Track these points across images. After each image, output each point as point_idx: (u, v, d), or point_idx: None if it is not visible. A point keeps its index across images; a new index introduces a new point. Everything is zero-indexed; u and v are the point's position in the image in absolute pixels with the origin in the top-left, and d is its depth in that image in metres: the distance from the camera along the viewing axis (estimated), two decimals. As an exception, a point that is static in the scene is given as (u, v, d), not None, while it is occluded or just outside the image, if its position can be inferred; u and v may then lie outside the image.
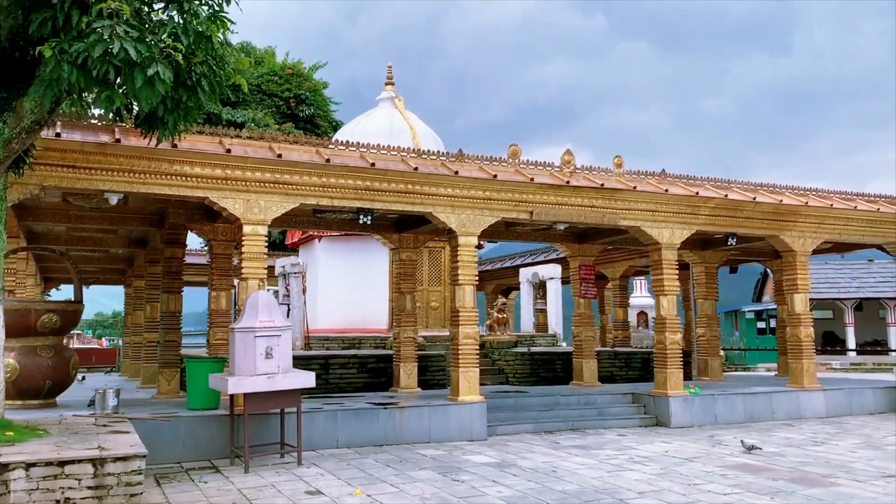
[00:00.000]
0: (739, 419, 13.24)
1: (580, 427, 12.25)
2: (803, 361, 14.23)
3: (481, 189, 11.55)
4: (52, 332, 10.49)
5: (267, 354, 8.99)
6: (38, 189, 9.22)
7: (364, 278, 17.84)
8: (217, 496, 7.53)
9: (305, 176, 10.40)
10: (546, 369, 15.70)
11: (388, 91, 20.78)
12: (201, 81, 7.62)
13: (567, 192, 12.13)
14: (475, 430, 11.17)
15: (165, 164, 9.60)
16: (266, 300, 9.28)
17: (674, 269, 13.20)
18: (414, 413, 10.90)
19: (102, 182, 9.45)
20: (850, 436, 11.70)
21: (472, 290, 11.68)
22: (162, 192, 9.83)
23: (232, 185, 10.06)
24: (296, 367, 12.82)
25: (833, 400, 14.27)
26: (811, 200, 14.38)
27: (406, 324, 13.57)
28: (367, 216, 11.32)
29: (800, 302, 14.32)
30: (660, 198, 12.83)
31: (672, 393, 12.76)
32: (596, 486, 7.91)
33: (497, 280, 26.36)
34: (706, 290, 16.61)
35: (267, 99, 29.76)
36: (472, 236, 11.62)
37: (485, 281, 27.49)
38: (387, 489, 7.74)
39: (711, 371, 16.36)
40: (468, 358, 11.48)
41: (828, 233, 14.63)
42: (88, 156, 9.22)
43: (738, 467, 8.99)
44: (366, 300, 17.63)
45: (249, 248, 10.19)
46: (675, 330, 13.06)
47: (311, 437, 10.17)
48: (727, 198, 13.34)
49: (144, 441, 9.19)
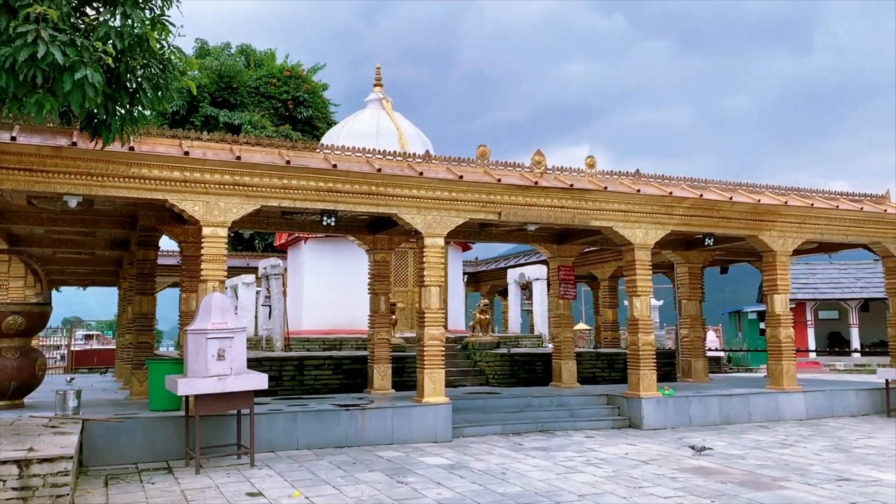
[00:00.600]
0: (715, 421, 13.11)
1: (550, 429, 12.19)
2: (783, 363, 14.06)
3: (447, 190, 11.52)
4: (17, 334, 10.61)
5: (219, 356, 9.02)
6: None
7: (349, 279, 17.83)
8: (158, 497, 7.56)
9: (266, 178, 10.43)
10: (526, 371, 15.64)
11: (376, 92, 20.82)
12: (143, 85, 7.66)
13: (536, 193, 12.07)
14: (439, 432, 11.14)
15: (123, 166, 9.66)
16: (219, 302, 9.31)
17: (647, 269, 13.11)
18: (376, 415, 10.89)
19: (60, 185, 9.52)
20: (822, 438, 11.55)
21: (438, 291, 11.66)
22: (120, 195, 9.89)
23: (191, 187, 10.10)
24: (268, 368, 12.97)
25: (814, 402, 14.09)
26: (791, 200, 14.21)
27: (379, 325, 13.57)
28: (331, 218, 11.33)
29: (779, 303, 14.16)
30: (632, 198, 12.74)
31: (644, 394, 12.66)
32: (539, 488, 7.85)
33: (493, 281, 26.31)
34: (690, 291, 16.48)
35: (265, 101, 29.91)
36: (438, 237, 11.59)
37: (480, 282, 27.48)
38: (327, 491, 7.74)
39: (695, 372, 16.22)
40: (434, 359, 11.45)
41: (809, 232, 14.45)
42: (45, 159, 9.29)
43: (693, 470, 8.90)
44: (350, 301, 17.62)
45: (209, 250, 10.22)
46: (649, 331, 12.96)
47: (271, 439, 10.20)
48: (702, 197, 13.22)
49: (101, 442, 9.32)
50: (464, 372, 15.80)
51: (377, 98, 20.60)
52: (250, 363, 13.07)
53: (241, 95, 29.34)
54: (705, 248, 16.18)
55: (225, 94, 29.00)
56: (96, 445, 9.33)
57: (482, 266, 27.09)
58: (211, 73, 29.15)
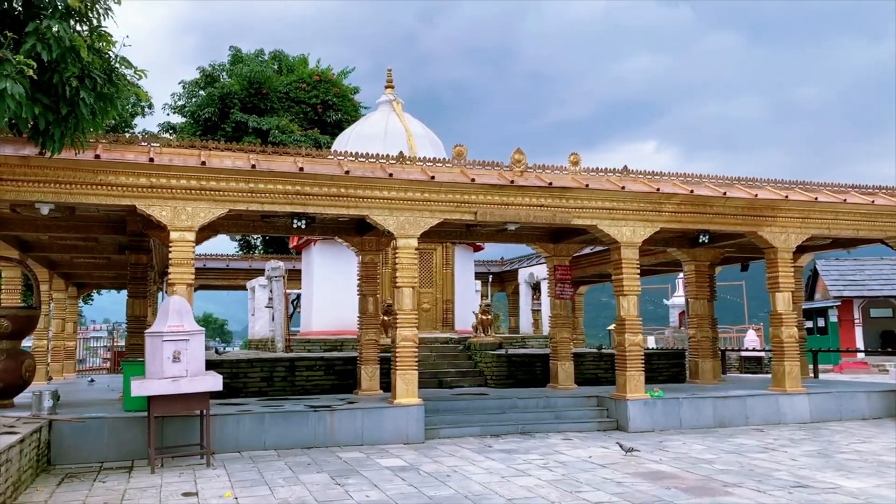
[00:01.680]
0: (707, 424, 12.69)
1: (531, 431, 12.01)
2: (785, 363, 13.51)
3: (419, 191, 11.47)
4: (4, 337, 11.01)
5: (174, 358, 9.20)
6: (-29, 202, 9.74)
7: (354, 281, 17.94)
8: (99, 496, 7.76)
9: (233, 182, 10.59)
10: (524, 372, 15.45)
11: (387, 94, 20.92)
12: (80, 94, 7.88)
13: (512, 192, 11.91)
14: (411, 433, 11.11)
15: (89, 174, 9.94)
16: (177, 306, 9.50)
17: (635, 268, 12.79)
18: (346, 416, 10.93)
19: (30, 193, 9.88)
20: (811, 442, 11.05)
21: (412, 293, 11.60)
22: (89, 202, 10.20)
23: (158, 192, 10.34)
24: (259, 369, 13.18)
25: (819, 404, 13.50)
26: (793, 194, 13.65)
27: (367, 326, 13.61)
28: (301, 221, 11.44)
29: (781, 301, 13.61)
30: (615, 195, 12.45)
31: (631, 396, 12.36)
32: (473, 491, 7.75)
33: (515, 281, 26.11)
34: (697, 290, 16.00)
35: (295, 106, 30.38)
36: (411, 238, 11.55)
37: (505, 282, 27.32)
38: (261, 492, 7.81)
39: (702, 373, 15.73)
40: (406, 361, 11.42)
41: (815, 228, 13.86)
42: (14, 168, 9.64)
43: (647, 474, 8.64)
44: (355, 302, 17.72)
45: (177, 254, 10.45)
46: (636, 331, 12.64)
47: (238, 439, 10.36)
48: (693, 193, 12.82)
49: (70, 442, 9.63)
50: (463, 373, 15.71)
51: (388, 100, 20.69)
52: (242, 364, 13.37)
53: (272, 101, 29.88)
54: (712, 246, 15.73)
55: (255, 100, 29.58)
56: (64, 445, 9.64)
57: (507, 266, 26.91)
58: (241, 80, 29.78)
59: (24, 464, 8.06)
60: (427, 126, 20.54)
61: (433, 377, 15.36)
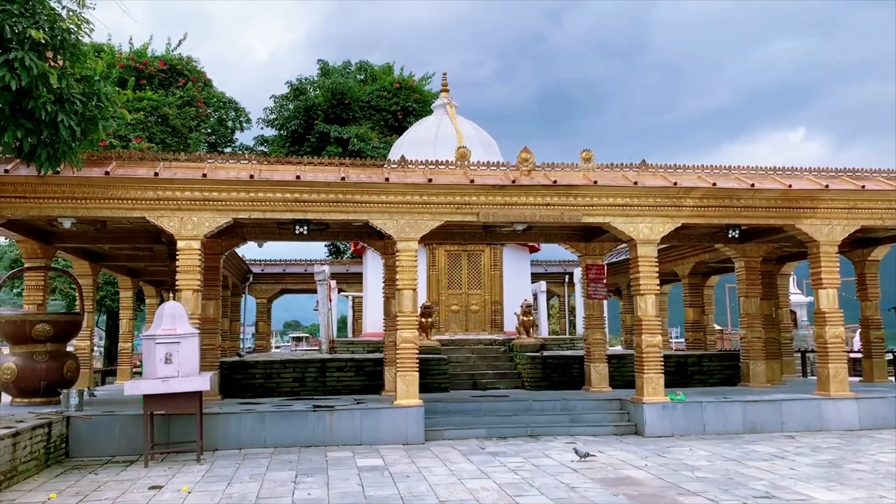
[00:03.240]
0: (736, 429, 11.97)
1: (539, 434, 11.80)
2: (829, 366, 12.53)
3: (417, 194, 11.58)
4: (47, 340, 12.07)
5: (166, 360, 9.80)
6: (3, 219, 10.81)
7: (405, 284, 18.23)
8: (81, 485, 8.40)
9: (234, 192, 11.13)
10: (560, 374, 15.14)
11: (443, 98, 21.17)
12: (58, 118, 8.60)
13: (515, 192, 11.78)
14: (410, 434, 11.21)
15: (101, 189, 10.78)
16: (171, 311, 10.10)
17: (653, 266, 12.31)
18: (345, 416, 11.18)
19: (51, 209, 10.84)
20: (836, 451, 10.19)
21: (412, 295, 11.70)
22: (103, 215, 11.05)
23: (165, 204, 11.04)
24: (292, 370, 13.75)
25: (870, 410, 12.41)
26: (834, 183, 12.65)
27: (392, 328, 13.80)
28: (304, 227, 11.83)
29: (825, 298, 12.63)
30: (628, 191, 12.03)
31: (648, 399, 11.88)
32: (417, 492, 7.78)
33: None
34: (747, 287, 15.09)
35: (376, 114, 31.15)
36: (411, 241, 11.67)
37: (583, 282, 26.74)
38: (218, 487, 8.18)
39: (755, 377, 14.80)
40: (406, 362, 11.54)
41: (864, 218, 12.77)
42: (35, 186, 10.61)
43: (609, 481, 8.32)
44: (403, 305, 18.03)
45: (184, 262, 11.11)
46: (655, 332, 12.15)
47: (240, 437, 10.86)
48: (715, 186, 12.16)
49: (86, 437, 10.46)
50: (501, 375, 15.62)
51: (443, 104, 20.92)
52: (276, 365, 13.95)
53: (354, 110, 30.77)
54: (763, 241, 14.84)
55: (337, 111, 30.57)
56: (81, 440, 10.47)
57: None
58: (325, 92, 30.88)
59: (22, 455, 8.84)
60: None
61: (469, 378, 15.39)
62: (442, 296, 18.22)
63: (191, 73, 28.94)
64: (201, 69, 30.24)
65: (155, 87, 27.59)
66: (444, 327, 18.11)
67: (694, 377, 15.59)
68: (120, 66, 27.18)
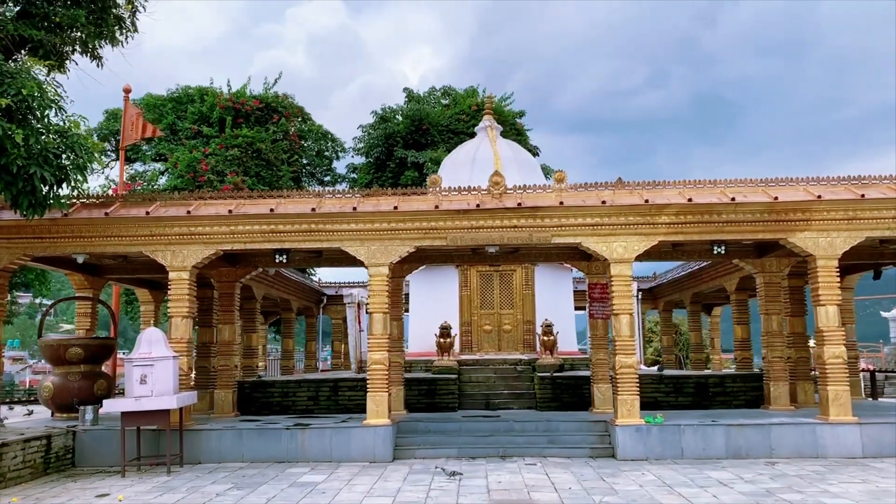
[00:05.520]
0: (718, 455, 11.46)
1: (511, 455, 11.88)
2: (829, 388, 11.71)
3: (386, 221, 12.10)
4: (80, 362, 13.65)
5: (141, 381, 10.91)
6: (28, 258, 12.46)
7: (441, 304, 18.70)
8: (48, 491, 9.60)
9: (216, 226, 12.16)
10: (571, 394, 15.01)
11: (485, 120, 21.60)
12: (29, 171, 9.93)
13: (480, 216, 12.03)
14: (378, 452, 11.68)
15: (103, 228, 12.15)
16: (149, 336, 11.24)
17: (628, 286, 12.07)
18: (316, 435, 11.83)
19: (65, 248, 12.34)
20: (788, 480, 9.62)
21: (382, 318, 12.19)
22: (107, 251, 12.43)
23: (157, 239, 12.25)
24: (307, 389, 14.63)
25: (876, 437, 11.47)
26: (828, 193, 11.88)
27: (392, 350, 14.28)
28: (283, 256, 12.66)
29: (825, 315, 11.84)
30: (598, 210, 11.94)
31: (620, 422, 11.66)
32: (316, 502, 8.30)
33: (667, 297, 24.81)
34: (767, 304, 14.32)
35: (455, 137, 31.83)
36: (382, 266, 12.19)
37: (658, 298, 26.04)
38: (151, 496, 9.09)
39: (775, 399, 13.99)
40: (377, 383, 12.03)
41: (869, 229, 11.89)
42: (49, 227, 12.14)
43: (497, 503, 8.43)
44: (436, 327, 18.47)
45: (175, 291, 12.25)
46: (630, 353, 11.91)
47: (220, 452, 11.79)
48: (691, 202, 11.80)
49: (90, 448, 11.75)
50: (517, 395, 15.70)
51: (484, 126, 21.31)
52: (291, 384, 14.90)
53: (432, 135, 31.65)
54: (782, 255, 14.06)
55: (416, 136, 31.59)
56: (85, 451, 11.81)
57: (658, 280, 25.60)
58: (405, 119, 32.02)
59: (12, 464, 10.19)
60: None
61: (483, 399, 15.60)
62: (474, 316, 18.52)
63: (285, 109, 30.92)
64: (298, 104, 32.34)
65: (252, 125, 29.73)
66: (477, 347, 18.39)
67: (716, 399, 14.94)
68: (220, 107, 29.54)
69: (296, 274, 21.02)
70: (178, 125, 29.74)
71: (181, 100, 30.79)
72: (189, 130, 28.92)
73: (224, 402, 14.06)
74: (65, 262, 13.73)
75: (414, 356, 18.90)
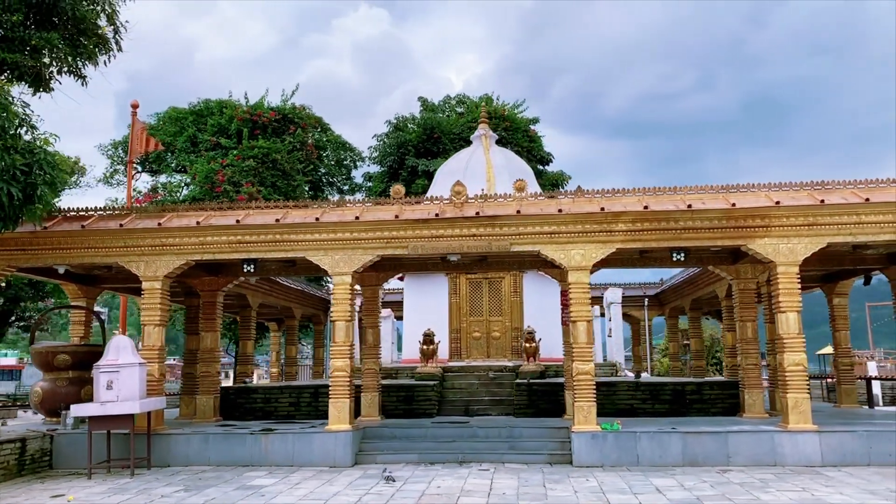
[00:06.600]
0: (674, 462, 11.45)
1: (469, 460, 12.02)
2: (789, 396, 11.60)
3: (348, 231, 12.40)
4: (68, 368, 14.21)
5: (108, 386, 11.38)
6: (13, 269, 13.10)
7: (431, 312, 18.93)
8: (12, 491, 10.11)
9: (185, 237, 12.61)
10: (546, 401, 15.05)
11: (480, 129, 21.83)
12: (1, 191, 10.49)
13: (439, 225, 12.24)
14: (338, 457, 11.94)
15: (80, 239, 12.71)
16: (116, 343, 11.72)
17: (585, 293, 12.14)
18: (278, 440, 12.15)
19: (46, 259, 12.93)
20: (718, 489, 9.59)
21: (344, 326, 12.46)
22: (85, 262, 12.99)
23: (131, 250, 12.75)
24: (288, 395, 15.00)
25: (836, 445, 11.32)
26: (787, 199, 11.79)
27: (367, 356, 14.62)
28: (251, 265, 13.05)
29: (785, 322, 11.74)
30: (554, 219, 12.05)
31: (577, 428, 11.73)
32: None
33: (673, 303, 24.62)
34: (742, 311, 14.22)
35: (466, 145, 32.03)
36: (345, 275, 12.47)
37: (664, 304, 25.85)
38: (100, 497, 9.51)
39: (749, 407, 13.84)
40: (338, 390, 12.30)
41: (831, 235, 11.77)
42: (30, 240, 12.74)
43: None
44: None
45: (147, 300, 12.73)
46: (587, 360, 11.98)
47: (188, 456, 12.20)
48: (647, 209, 11.84)
49: (66, 451, 12.26)
50: (497, 401, 15.83)
51: (479, 135, 21.51)
52: (274, 391, 15.30)
53: (444, 143, 31.95)
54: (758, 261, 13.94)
55: (427, 145, 31.94)
56: (62, 453, 12.35)
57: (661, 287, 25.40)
58: (418, 128, 32.42)
59: (-18, 465, 10.75)
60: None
61: (464, 405, 15.76)
62: (463, 323, 18.71)
63: (303, 119, 31.52)
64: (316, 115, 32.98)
65: (269, 136, 30.39)
66: (466, 353, 18.58)
67: (693, 406, 14.85)
68: (238, 119, 30.26)
69: (297, 282, 21.46)
70: (198, 137, 30.53)
71: (202, 112, 31.56)
72: (208, 142, 29.67)
73: (206, 408, 14.51)
74: (54, 272, 14.35)
75: (406, 363, 19.17)
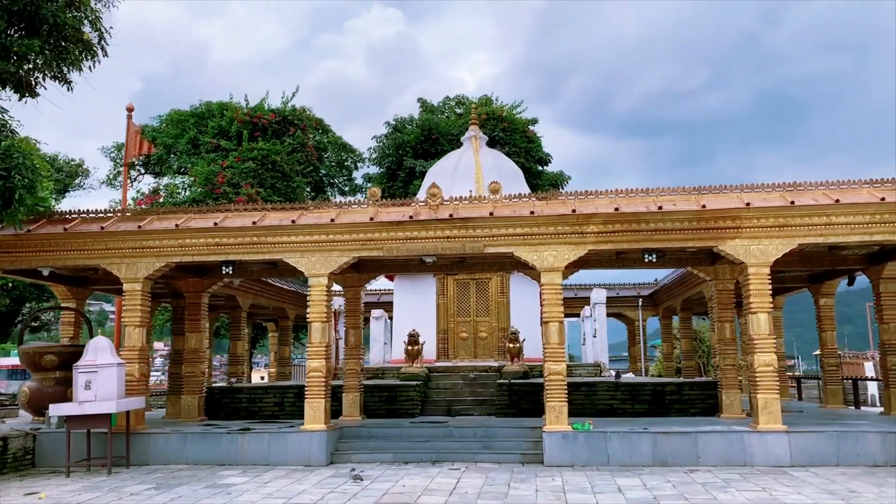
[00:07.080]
0: (644, 462, 11.53)
1: (443, 460, 12.15)
2: (759, 396, 11.66)
3: (324, 233, 12.57)
4: (55, 368, 14.45)
5: (86, 386, 11.61)
6: None
7: (419, 312, 19.05)
8: None
9: (165, 240, 12.82)
10: (527, 401, 15.15)
11: (470, 130, 21.94)
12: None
13: (414, 227, 12.38)
14: (313, 457, 12.10)
15: (63, 242, 12.95)
16: (95, 344, 11.96)
17: (558, 294, 12.25)
18: (255, 439, 12.34)
19: (30, 261, 13.19)
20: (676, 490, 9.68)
21: (321, 328, 12.61)
22: (68, 264, 13.24)
23: (113, 253, 12.98)
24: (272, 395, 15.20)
25: (805, 446, 11.36)
26: (758, 200, 11.84)
27: (350, 357, 14.78)
28: (229, 267, 13.24)
29: (756, 323, 11.80)
30: (526, 221, 12.16)
31: (548, 428, 11.85)
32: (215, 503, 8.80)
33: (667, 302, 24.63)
34: (720, 312, 14.27)
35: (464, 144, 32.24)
36: (321, 276, 12.64)
37: (658, 305, 25.86)
38: (72, 496, 9.72)
39: (727, 407, 13.89)
40: (314, 390, 12.45)
41: (801, 236, 11.82)
42: (15, 242, 13.00)
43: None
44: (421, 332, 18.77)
45: (129, 301, 12.95)
46: (559, 360, 12.09)
47: (166, 454, 12.42)
48: (617, 211, 11.93)
49: (48, 449, 12.52)
50: (480, 401, 15.95)
51: (469, 136, 21.62)
52: (258, 391, 15.51)
53: (442, 144, 32.09)
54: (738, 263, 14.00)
55: (425, 146, 32.10)
56: (45, 451, 12.60)
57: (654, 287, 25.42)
58: (416, 129, 32.60)
59: (-38, 463, 11.00)
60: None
61: (447, 405, 15.90)
62: (451, 323, 18.84)
63: (302, 121, 31.77)
64: (317, 116, 33.27)
65: (269, 138, 30.66)
66: (453, 354, 18.70)
67: (673, 407, 14.90)
68: (238, 122, 30.54)
69: (292, 283, 21.65)
70: (199, 139, 30.81)
71: (203, 115, 31.84)
72: (209, 144, 29.94)
73: (191, 407, 14.73)
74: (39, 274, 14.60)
75: (395, 363, 19.31)
